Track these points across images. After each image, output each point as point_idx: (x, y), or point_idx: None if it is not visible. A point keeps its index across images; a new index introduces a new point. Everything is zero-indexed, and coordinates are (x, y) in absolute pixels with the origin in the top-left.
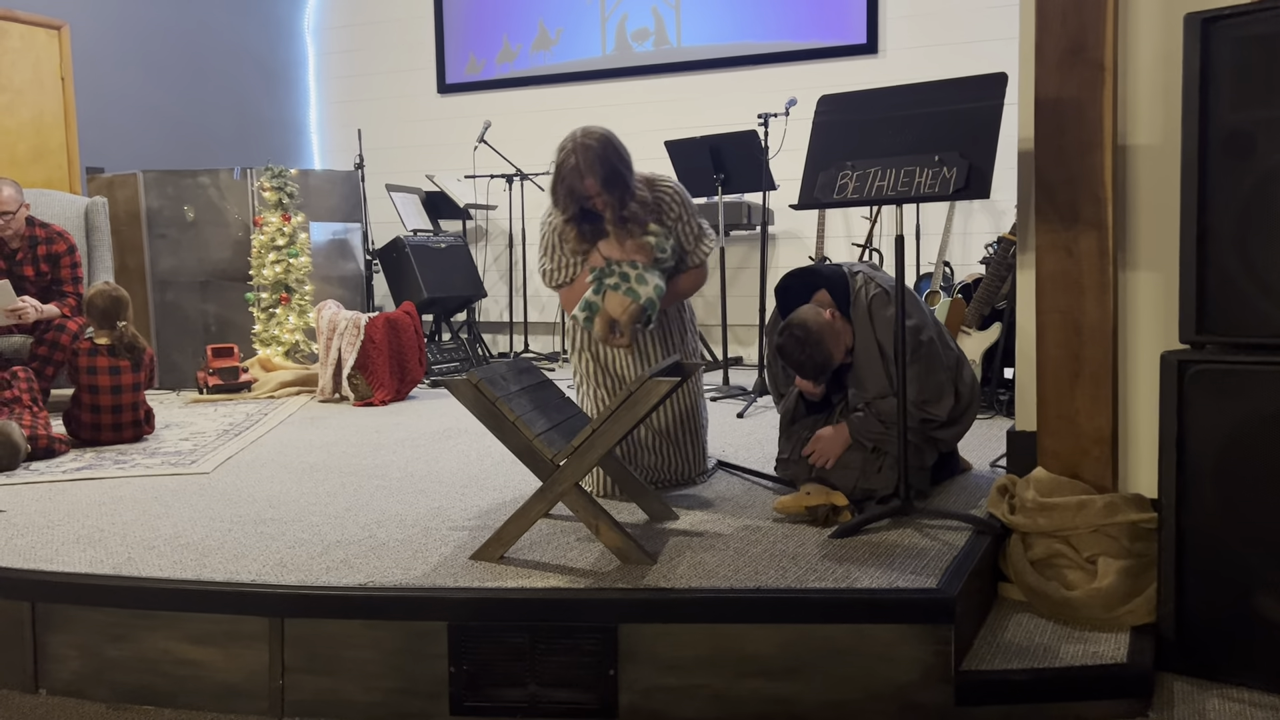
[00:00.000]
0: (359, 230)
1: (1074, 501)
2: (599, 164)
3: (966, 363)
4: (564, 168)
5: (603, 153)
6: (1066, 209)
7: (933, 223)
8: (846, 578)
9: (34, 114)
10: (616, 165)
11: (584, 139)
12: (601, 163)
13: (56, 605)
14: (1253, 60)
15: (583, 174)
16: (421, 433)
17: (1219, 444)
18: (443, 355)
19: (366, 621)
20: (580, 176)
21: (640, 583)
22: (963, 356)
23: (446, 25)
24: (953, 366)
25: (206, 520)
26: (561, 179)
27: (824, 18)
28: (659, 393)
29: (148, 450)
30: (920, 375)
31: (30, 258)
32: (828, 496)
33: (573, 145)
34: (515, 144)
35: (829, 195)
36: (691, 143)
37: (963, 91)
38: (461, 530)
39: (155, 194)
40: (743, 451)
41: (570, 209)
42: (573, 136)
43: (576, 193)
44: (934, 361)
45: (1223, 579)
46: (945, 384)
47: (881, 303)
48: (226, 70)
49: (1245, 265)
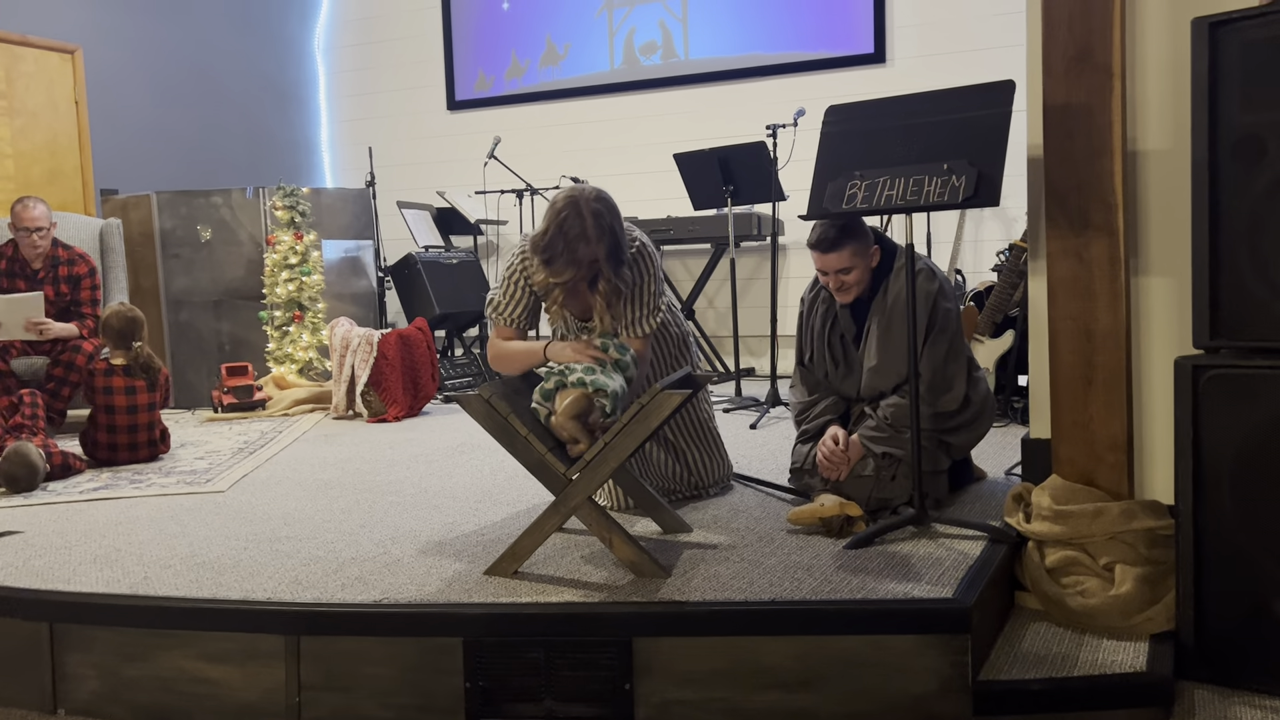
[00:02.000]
0: (371, 247)
1: (1090, 509)
2: (608, 235)
3: (980, 370)
4: (568, 230)
5: (611, 222)
6: (1077, 215)
7: (944, 231)
8: (862, 588)
9: (48, 137)
10: (619, 234)
11: (593, 203)
12: (611, 233)
13: (74, 625)
14: (1261, 63)
15: (591, 242)
16: (435, 448)
17: (1235, 449)
18: (455, 370)
19: (382, 638)
20: (588, 244)
21: (655, 596)
22: (978, 370)
23: (455, 42)
24: (968, 361)
25: (222, 539)
26: (566, 242)
27: (831, 28)
28: (671, 405)
29: (163, 469)
30: (935, 358)
31: (52, 278)
32: (842, 507)
33: (576, 208)
34: (525, 159)
35: (838, 205)
36: (700, 155)
37: (971, 99)
38: (476, 546)
39: (169, 215)
40: (756, 463)
41: (567, 274)
42: (574, 198)
43: (579, 259)
44: (954, 349)
45: (1242, 585)
46: (957, 375)
47: (928, 276)
48: (238, 91)
49: (1258, 269)
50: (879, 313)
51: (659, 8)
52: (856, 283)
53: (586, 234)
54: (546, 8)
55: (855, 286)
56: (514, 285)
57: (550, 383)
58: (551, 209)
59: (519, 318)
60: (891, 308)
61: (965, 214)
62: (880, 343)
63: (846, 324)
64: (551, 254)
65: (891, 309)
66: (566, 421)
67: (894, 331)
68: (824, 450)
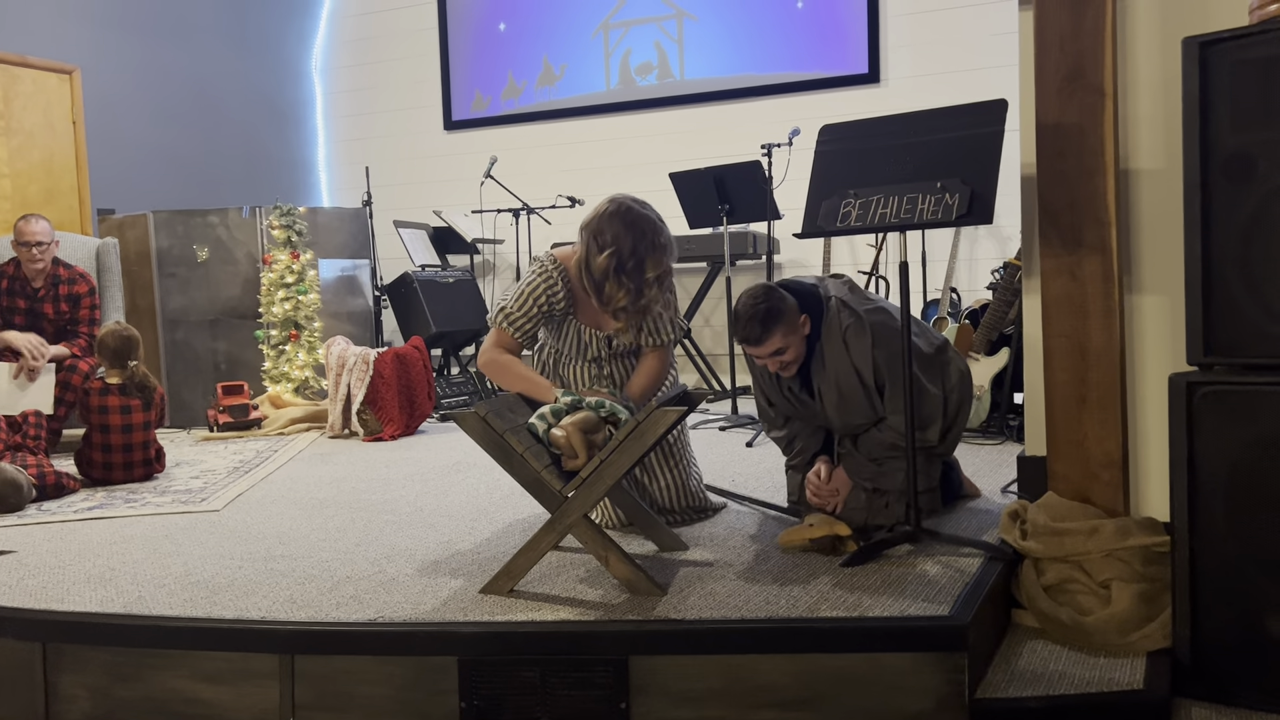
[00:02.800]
0: (367, 266)
1: (1085, 526)
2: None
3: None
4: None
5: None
6: (1070, 233)
7: (939, 249)
8: (858, 606)
9: (45, 157)
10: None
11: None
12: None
13: (67, 645)
14: (1251, 83)
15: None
16: (431, 467)
17: (1229, 465)
18: (451, 389)
19: (377, 657)
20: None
21: (651, 614)
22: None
23: (452, 63)
24: (939, 388)
25: (217, 558)
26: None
27: (826, 49)
28: (666, 422)
29: (158, 488)
30: (899, 403)
31: (52, 296)
32: (831, 528)
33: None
34: (521, 178)
35: (833, 224)
36: (696, 174)
37: (964, 118)
38: (471, 564)
39: (165, 234)
40: (752, 481)
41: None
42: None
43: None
44: (922, 392)
45: (1238, 602)
46: (935, 411)
47: (856, 332)
48: (235, 111)
49: (1250, 287)
50: (821, 379)
51: (654, 29)
52: (794, 359)
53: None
54: (543, 29)
55: (794, 363)
56: (531, 302)
57: (565, 402)
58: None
59: (527, 331)
60: (833, 374)
61: (960, 232)
62: (837, 408)
63: (792, 380)
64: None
65: (834, 375)
66: (574, 433)
67: (846, 394)
68: (811, 487)
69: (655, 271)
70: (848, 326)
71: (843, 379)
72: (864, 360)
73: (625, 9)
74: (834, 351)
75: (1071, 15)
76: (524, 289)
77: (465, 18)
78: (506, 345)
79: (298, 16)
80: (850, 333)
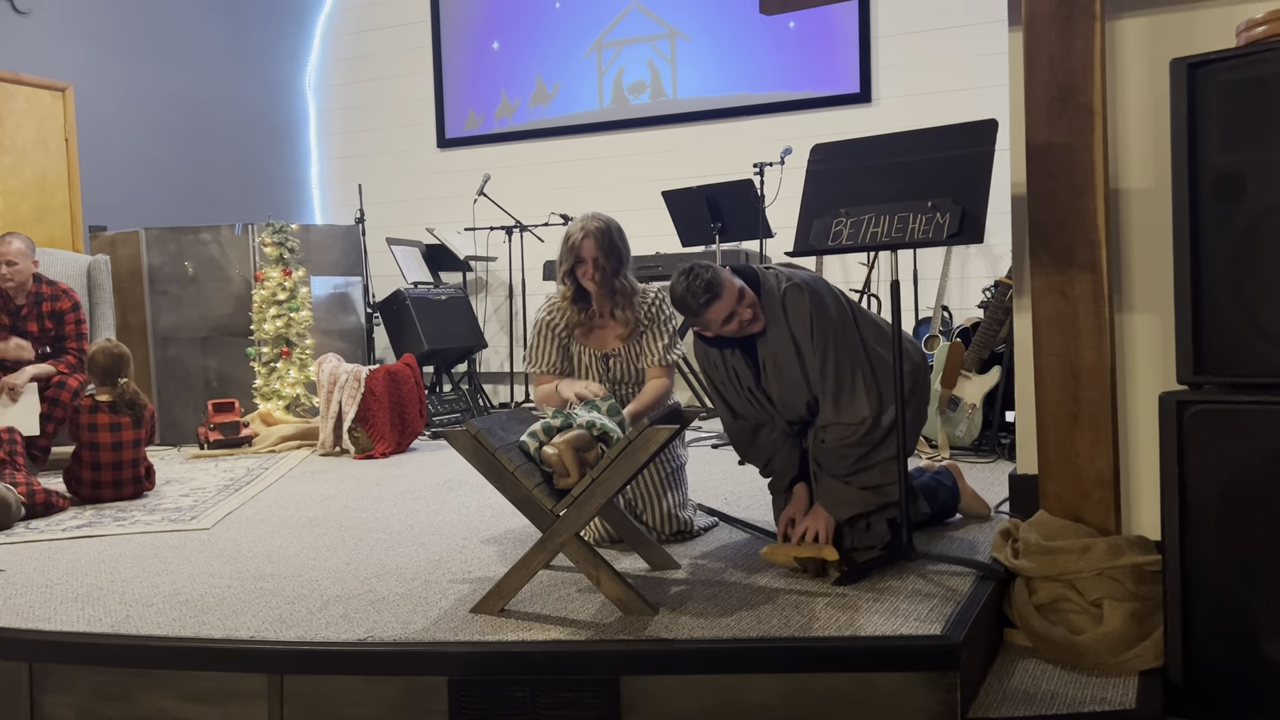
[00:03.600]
0: (360, 284)
1: (1077, 545)
2: (600, 235)
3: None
4: (571, 235)
5: (605, 229)
6: (1060, 252)
7: (930, 267)
8: (850, 625)
9: (37, 174)
10: (615, 241)
11: (592, 219)
12: (602, 235)
13: (54, 665)
14: (1239, 103)
15: (585, 235)
16: (422, 485)
17: (1220, 484)
18: (443, 406)
19: (367, 677)
20: (582, 237)
21: (642, 634)
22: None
23: (446, 81)
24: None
25: (206, 576)
26: (567, 243)
27: (818, 68)
28: (658, 440)
29: (148, 507)
30: (830, 374)
31: (35, 314)
32: (818, 550)
33: (583, 222)
34: (514, 196)
35: (824, 242)
36: (688, 192)
37: (954, 138)
38: (462, 583)
39: (157, 251)
40: (744, 499)
41: (568, 260)
42: (582, 217)
43: (575, 251)
44: (845, 358)
45: (1229, 621)
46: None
47: (794, 295)
48: (229, 128)
49: (1240, 306)
50: (764, 353)
51: (647, 48)
52: (753, 317)
53: (584, 229)
54: (536, 48)
55: (754, 320)
56: (541, 337)
57: (557, 421)
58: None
59: (551, 357)
60: (772, 344)
61: (951, 251)
62: (775, 379)
63: (744, 371)
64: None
65: (773, 346)
66: (565, 450)
67: (783, 365)
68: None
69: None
70: (785, 291)
71: (781, 348)
72: (801, 324)
73: (619, 28)
74: (774, 318)
75: (1061, 36)
76: (533, 332)
77: (459, 36)
78: (542, 381)
79: (292, 34)
80: (788, 296)
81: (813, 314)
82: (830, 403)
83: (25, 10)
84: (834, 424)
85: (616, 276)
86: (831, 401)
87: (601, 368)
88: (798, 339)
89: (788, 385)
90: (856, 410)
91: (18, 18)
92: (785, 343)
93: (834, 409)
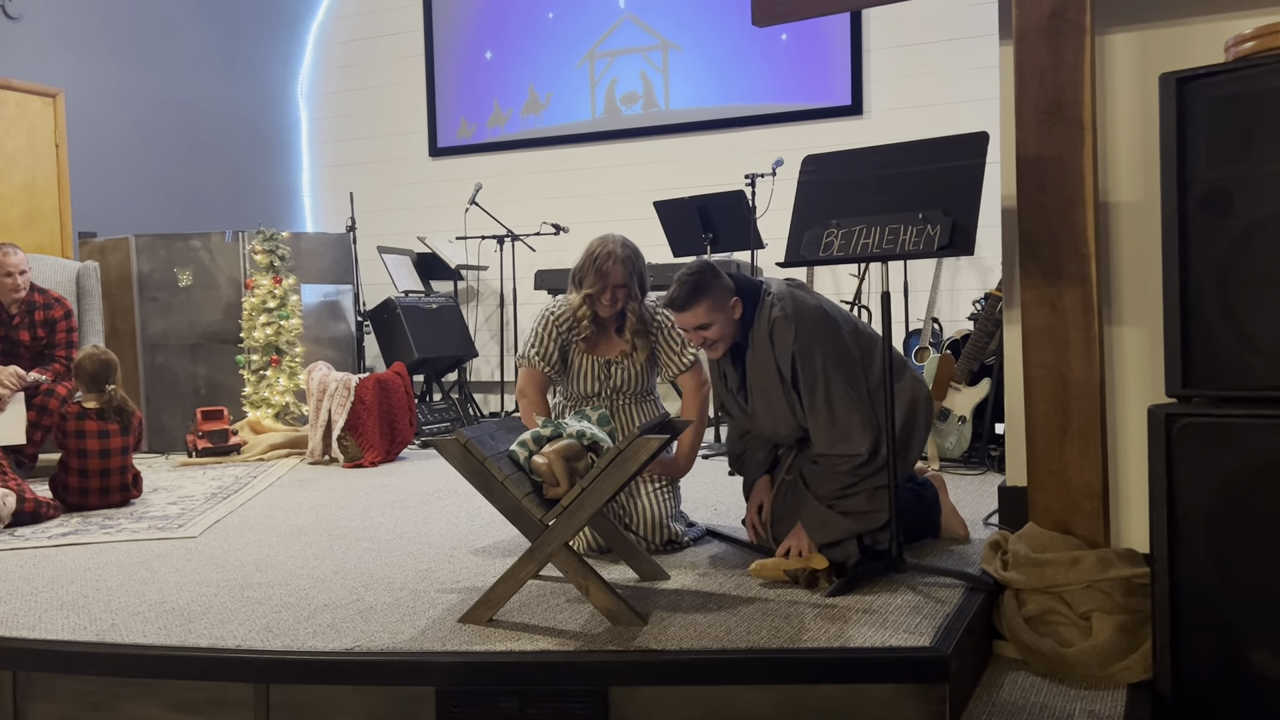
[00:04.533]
0: (350, 292)
1: (1066, 557)
2: (631, 263)
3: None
4: (599, 256)
5: (635, 259)
6: (1050, 265)
7: (921, 279)
8: (840, 637)
9: (26, 180)
10: (641, 272)
11: (623, 246)
12: (633, 264)
13: (38, 674)
14: (1227, 118)
15: (617, 262)
16: (411, 494)
17: (1209, 497)
18: (433, 415)
19: (354, 687)
20: (614, 264)
21: (631, 644)
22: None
23: (438, 90)
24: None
25: (192, 585)
26: (594, 263)
27: (809, 80)
28: (649, 450)
29: (135, 514)
30: (819, 411)
31: (27, 322)
32: (806, 560)
33: (611, 246)
34: (506, 206)
35: (815, 253)
36: (680, 203)
37: (945, 150)
38: (450, 592)
39: (146, 257)
40: (736, 510)
41: (595, 285)
42: (608, 239)
43: (604, 274)
44: (837, 393)
45: (1218, 633)
46: (852, 421)
47: (782, 327)
48: (220, 136)
49: (1228, 319)
50: (751, 370)
51: (640, 59)
52: (719, 338)
53: (615, 256)
54: (529, 57)
55: (720, 342)
56: (545, 332)
57: (547, 430)
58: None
59: (552, 359)
60: (759, 366)
61: (942, 263)
62: (759, 401)
63: (732, 376)
64: (583, 273)
65: (760, 368)
66: (555, 460)
67: (769, 392)
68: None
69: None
70: (775, 320)
71: (766, 374)
72: (784, 358)
73: (611, 39)
74: (760, 343)
75: (1051, 50)
76: (539, 324)
77: (452, 45)
78: (534, 379)
79: (284, 42)
80: (777, 327)
81: (795, 353)
82: (824, 437)
83: (16, 16)
84: (827, 455)
85: (632, 300)
86: (825, 435)
87: (602, 373)
88: (781, 370)
89: (773, 411)
90: (853, 445)
91: (9, 24)
92: (770, 370)
93: (828, 443)
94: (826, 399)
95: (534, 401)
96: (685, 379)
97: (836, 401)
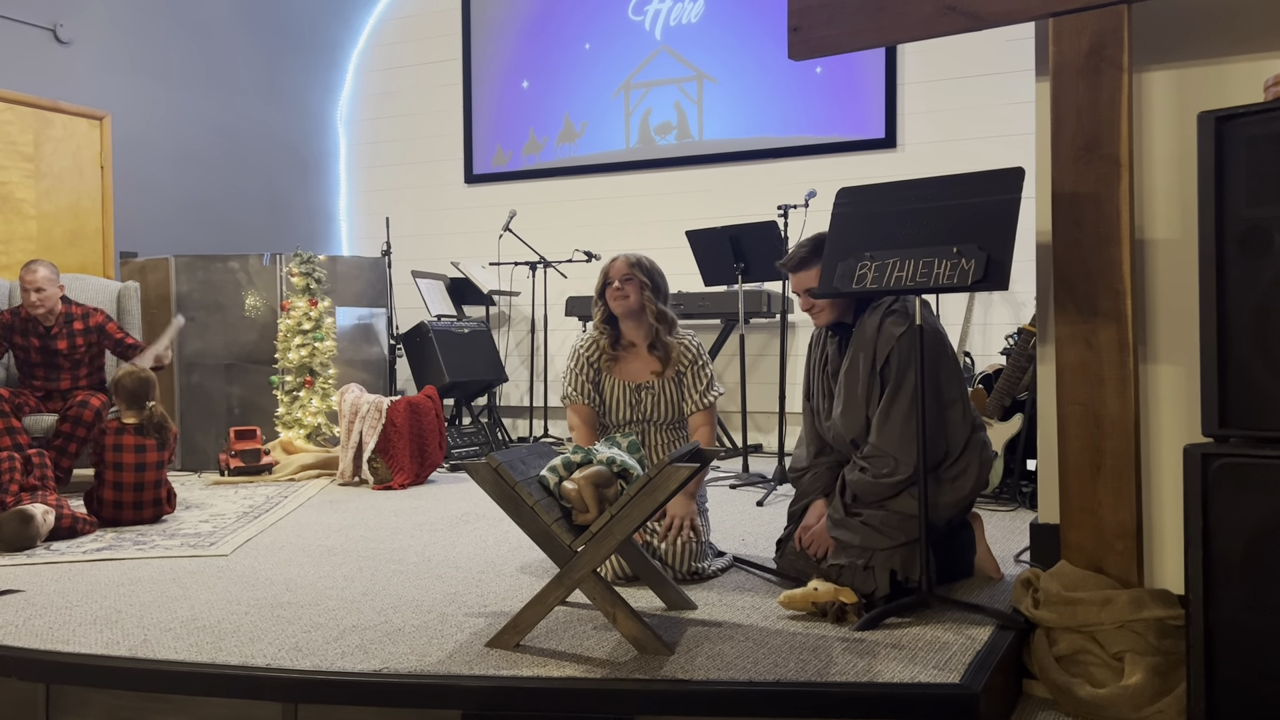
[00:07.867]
0: (384, 315)
1: (1099, 596)
2: (636, 262)
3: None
4: (604, 264)
5: (641, 260)
6: (1085, 301)
7: (953, 313)
8: (868, 671)
9: (72, 200)
10: (650, 269)
11: (628, 254)
12: (638, 262)
13: (70, 687)
14: (1267, 158)
15: (619, 259)
16: (440, 517)
17: (1246, 538)
18: (463, 439)
19: (381, 708)
20: (616, 261)
21: (658, 673)
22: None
23: (475, 118)
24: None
25: (224, 603)
26: (601, 270)
27: (843, 113)
28: (678, 478)
29: (167, 531)
30: (886, 418)
31: (65, 332)
32: (836, 594)
33: (617, 255)
34: (539, 232)
35: (848, 284)
36: (712, 232)
37: (981, 185)
38: (478, 617)
39: (185, 278)
40: (763, 541)
41: (600, 283)
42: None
43: (604, 273)
44: (896, 412)
45: (1254, 678)
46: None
47: (898, 322)
48: (260, 159)
49: (1266, 360)
50: (853, 348)
51: (675, 90)
52: (824, 308)
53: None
54: (565, 87)
55: (825, 310)
56: (575, 364)
57: (577, 456)
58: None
59: (587, 391)
60: (859, 347)
61: (974, 297)
62: (844, 385)
63: (834, 357)
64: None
65: (860, 349)
66: (585, 486)
67: (855, 376)
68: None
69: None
70: (894, 312)
71: (861, 358)
72: (886, 345)
73: (646, 70)
74: (868, 327)
75: (1088, 87)
76: (569, 358)
77: (489, 74)
78: (582, 415)
79: (325, 68)
80: (893, 319)
81: (894, 351)
82: (886, 435)
83: (68, 40)
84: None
85: (645, 291)
86: (887, 434)
87: (633, 398)
88: (876, 355)
89: (850, 399)
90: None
91: (60, 48)
92: (866, 353)
93: (884, 440)
94: (905, 404)
95: (583, 435)
96: (699, 416)
97: (900, 407)
